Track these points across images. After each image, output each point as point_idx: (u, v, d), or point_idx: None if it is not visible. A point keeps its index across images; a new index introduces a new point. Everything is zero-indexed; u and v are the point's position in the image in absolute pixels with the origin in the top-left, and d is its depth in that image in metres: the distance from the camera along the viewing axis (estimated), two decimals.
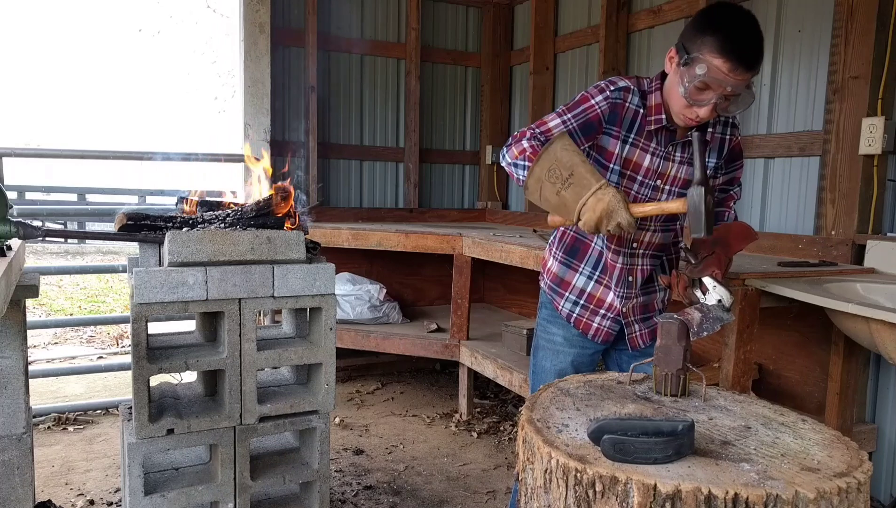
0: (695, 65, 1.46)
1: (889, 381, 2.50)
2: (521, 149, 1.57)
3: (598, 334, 1.84)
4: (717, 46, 1.44)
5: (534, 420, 1.17)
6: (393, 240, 3.58)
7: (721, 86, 1.47)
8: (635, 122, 1.65)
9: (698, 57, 1.46)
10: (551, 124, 1.63)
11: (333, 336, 2.07)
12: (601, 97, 1.63)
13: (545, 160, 1.46)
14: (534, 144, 1.57)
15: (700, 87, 1.48)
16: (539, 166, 1.47)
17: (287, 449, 2.24)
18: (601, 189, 1.43)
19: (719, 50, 1.44)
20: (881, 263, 2.35)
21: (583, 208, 1.45)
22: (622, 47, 3.71)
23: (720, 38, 1.44)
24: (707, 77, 1.45)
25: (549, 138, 1.60)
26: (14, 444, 1.82)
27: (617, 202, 1.42)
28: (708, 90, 1.49)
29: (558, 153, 1.45)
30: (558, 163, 1.45)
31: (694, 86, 1.48)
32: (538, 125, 1.64)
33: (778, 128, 2.88)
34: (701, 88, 1.49)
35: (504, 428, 3.48)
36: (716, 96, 1.49)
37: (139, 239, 2.01)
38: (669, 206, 1.49)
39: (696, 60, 1.46)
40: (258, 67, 3.84)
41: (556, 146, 1.46)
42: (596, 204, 1.43)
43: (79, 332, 5.39)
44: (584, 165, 1.45)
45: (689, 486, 0.92)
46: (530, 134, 1.61)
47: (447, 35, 4.68)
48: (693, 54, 1.47)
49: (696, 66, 1.46)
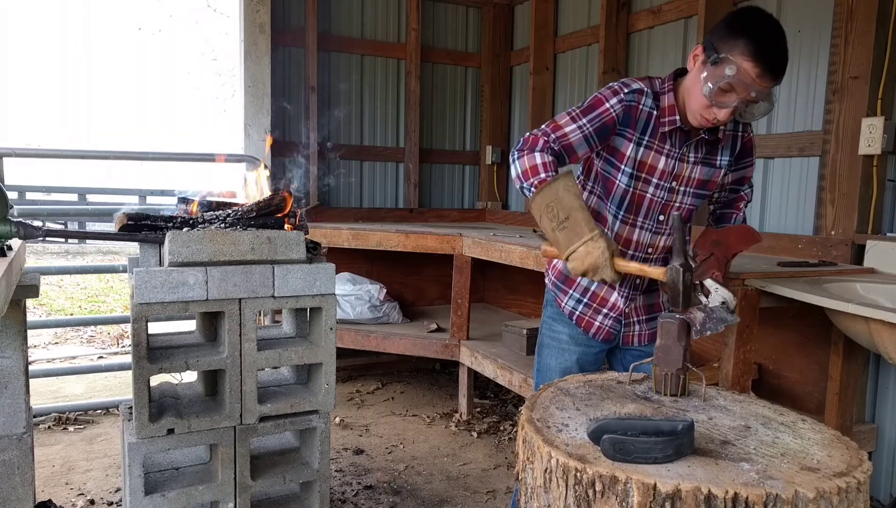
0: (724, 65, 1.46)
1: (889, 381, 2.50)
2: (533, 165, 1.56)
3: (600, 332, 1.85)
4: (750, 50, 1.44)
5: (534, 420, 1.17)
6: (393, 240, 3.58)
7: (747, 90, 1.47)
8: (649, 124, 1.64)
9: (728, 58, 1.46)
10: (567, 130, 1.61)
11: (333, 336, 2.07)
12: (615, 100, 1.62)
13: (546, 195, 1.48)
14: (546, 162, 1.56)
15: (725, 88, 1.48)
16: (540, 198, 1.49)
17: (287, 449, 2.24)
18: (592, 240, 1.45)
19: (751, 54, 1.44)
20: (881, 263, 2.35)
21: (571, 255, 1.47)
22: (622, 47, 3.71)
23: (753, 42, 1.44)
24: (735, 79, 1.45)
25: (565, 145, 1.61)
26: (14, 444, 1.82)
27: (604, 261, 1.44)
28: (732, 93, 1.49)
29: (560, 193, 1.47)
30: (558, 202, 1.47)
31: (719, 87, 1.48)
32: (553, 129, 1.62)
33: (778, 128, 2.88)
34: (726, 90, 1.49)
35: (504, 428, 3.48)
36: (738, 100, 1.49)
37: (139, 239, 2.01)
38: (652, 272, 1.48)
39: (726, 61, 1.46)
40: (258, 66, 3.84)
41: (559, 185, 1.47)
42: (584, 257, 1.45)
43: (79, 332, 5.39)
44: (581, 212, 1.46)
45: (689, 486, 0.92)
46: (543, 143, 1.59)
47: (447, 35, 4.68)
48: (723, 55, 1.47)
49: (726, 66, 1.46)
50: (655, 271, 1.47)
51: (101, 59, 35.04)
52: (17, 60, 31.82)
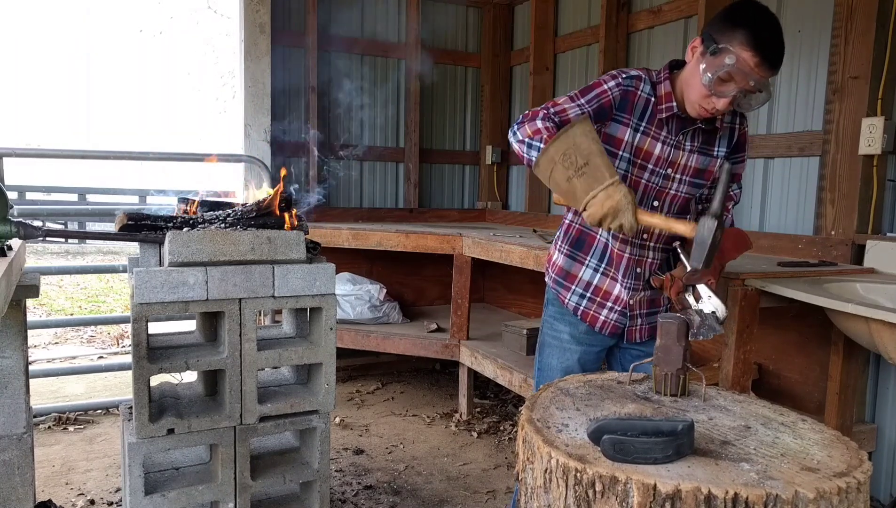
0: (723, 55, 1.48)
1: (889, 381, 2.50)
2: (536, 129, 1.56)
3: (606, 326, 1.84)
4: (749, 40, 1.46)
5: (534, 420, 1.17)
6: (393, 240, 3.58)
7: (745, 79, 1.49)
8: (647, 110, 1.66)
9: (727, 48, 1.48)
10: (566, 106, 1.62)
11: (333, 336, 2.07)
12: (613, 83, 1.64)
13: (563, 142, 1.44)
14: (548, 126, 1.56)
15: (724, 77, 1.50)
16: (555, 147, 1.45)
17: (287, 449, 2.24)
18: (613, 186, 1.43)
19: (750, 43, 1.46)
20: (881, 263, 2.35)
21: (591, 201, 1.44)
22: (622, 48, 3.71)
23: (751, 32, 1.47)
24: (734, 68, 1.47)
25: (564, 120, 1.60)
26: (14, 444, 1.82)
27: (627, 204, 1.42)
28: (730, 82, 1.51)
29: (577, 138, 1.43)
30: (576, 148, 1.44)
31: (718, 76, 1.50)
32: (552, 105, 1.63)
33: (778, 128, 2.88)
34: (725, 80, 1.51)
35: (504, 428, 3.48)
36: (737, 89, 1.51)
37: (139, 239, 2.01)
38: (677, 226, 1.48)
39: (725, 51, 1.48)
40: (258, 67, 3.84)
41: (576, 130, 1.44)
42: (605, 200, 1.43)
43: (79, 332, 5.39)
44: (601, 157, 1.44)
45: (689, 486, 0.92)
46: (544, 114, 1.60)
47: (447, 35, 4.68)
48: (722, 45, 1.49)
49: (725, 56, 1.48)
50: (681, 227, 1.47)
51: (100, 60, 35.02)
52: (17, 60, 31.83)
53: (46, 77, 33.63)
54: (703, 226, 1.41)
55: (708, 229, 1.40)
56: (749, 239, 1.66)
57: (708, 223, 1.41)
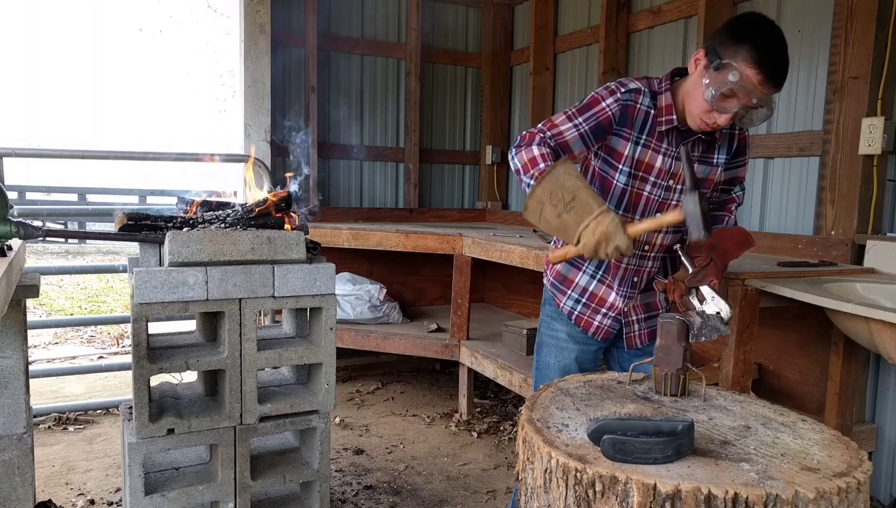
0: (727, 71, 1.47)
1: (889, 381, 2.50)
2: (532, 157, 1.57)
3: (599, 332, 1.85)
4: (753, 57, 1.45)
5: (534, 420, 1.17)
6: (393, 240, 3.58)
7: (748, 96, 1.48)
8: (646, 123, 1.65)
9: (731, 64, 1.47)
10: (563, 128, 1.62)
11: (333, 336, 2.07)
12: (612, 99, 1.63)
13: (548, 183, 1.47)
14: (544, 153, 1.57)
15: (727, 94, 1.49)
16: (541, 188, 1.48)
17: (287, 449, 2.24)
18: (602, 214, 1.45)
19: (754, 61, 1.45)
20: (881, 263, 2.35)
21: (583, 232, 1.46)
22: (622, 47, 3.71)
23: (756, 49, 1.45)
24: (737, 85, 1.46)
25: (561, 143, 1.61)
26: (14, 444, 1.82)
27: (616, 226, 1.43)
28: (733, 98, 1.50)
29: (561, 177, 1.47)
30: (561, 187, 1.47)
31: (721, 92, 1.49)
32: (549, 127, 1.63)
33: (778, 128, 2.88)
34: (728, 96, 1.50)
35: (504, 428, 3.48)
36: (739, 106, 1.50)
37: (139, 239, 2.01)
38: (666, 218, 1.49)
39: (729, 67, 1.47)
40: (258, 66, 3.84)
41: (559, 171, 1.47)
42: (596, 227, 1.45)
43: (79, 332, 5.39)
44: (586, 190, 1.47)
45: (689, 486, 0.92)
46: (540, 138, 1.60)
47: (447, 35, 4.68)
48: (726, 60, 1.48)
49: (729, 72, 1.47)
50: (669, 216, 1.49)
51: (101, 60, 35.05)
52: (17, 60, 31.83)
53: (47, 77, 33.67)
54: (688, 202, 1.43)
55: (693, 202, 1.42)
56: (751, 237, 1.66)
57: (690, 198, 1.43)
